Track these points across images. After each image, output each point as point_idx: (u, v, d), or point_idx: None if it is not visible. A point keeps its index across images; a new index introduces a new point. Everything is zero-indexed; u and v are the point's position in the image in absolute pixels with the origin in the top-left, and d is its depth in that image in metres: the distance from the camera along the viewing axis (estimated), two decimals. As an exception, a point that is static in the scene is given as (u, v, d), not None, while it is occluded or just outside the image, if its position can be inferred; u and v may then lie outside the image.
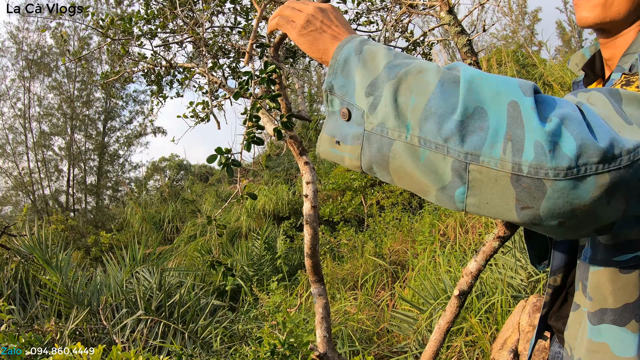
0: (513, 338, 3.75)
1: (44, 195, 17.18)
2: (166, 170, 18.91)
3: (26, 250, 5.89)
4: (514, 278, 4.73)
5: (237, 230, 9.04)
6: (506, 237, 1.39)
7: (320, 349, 1.31)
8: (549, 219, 0.76)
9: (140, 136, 18.95)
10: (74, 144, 17.57)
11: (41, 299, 5.46)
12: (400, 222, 7.29)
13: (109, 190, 18.86)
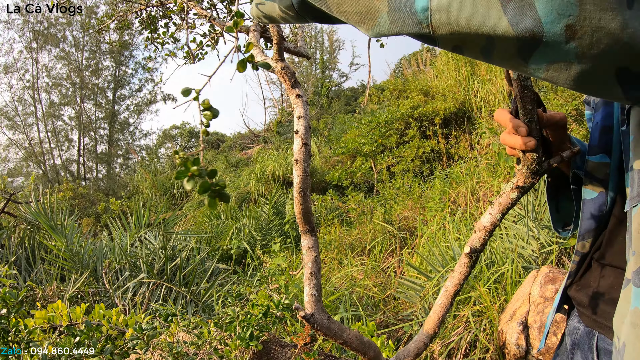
0: (523, 309, 3.58)
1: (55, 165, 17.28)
2: (177, 137, 18.87)
3: (32, 217, 5.90)
4: (525, 248, 4.57)
5: (246, 195, 8.96)
6: (526, 188, 1.19)
7: (307, 309, 1.13)
8: (553, 22, 0.57)
9: (150, 104, 18.94)
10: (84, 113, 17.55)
11: (46, 264, 5.45)
12: (410, 189, 7.12)
13: (119, 159, 18.93)
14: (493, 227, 1.21)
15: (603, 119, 1.22)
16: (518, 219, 5.04)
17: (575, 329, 1.36)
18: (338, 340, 1.21)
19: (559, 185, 1.42)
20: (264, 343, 2.10)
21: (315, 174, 9.04)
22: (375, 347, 1.30)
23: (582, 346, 1.33)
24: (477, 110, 8.89)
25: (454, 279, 1.31)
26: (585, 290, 1.31)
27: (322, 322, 1.17)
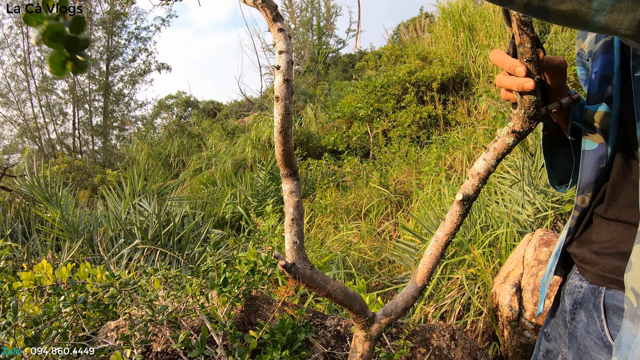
0: (516, 272, 3.55)
1: (50, 139, 17.22)
2: (173, 107, 18.71)
3: (27, 190, 5.88)
4: (521, 213, 4.55)
5: (242, 162, 8.92)
6: (522, 133, 1.12)
7: (288, 258, 1.09)
8: None
9: (145, 74, 18.81)
10: (78, 85, 17.39)
11: (42, 236, 5.45)
12: (407, 154, 7.07)
13: (115, 130, 18.85)
14: (487, 173, 1.15)
15: (602, 68, 1.17)
16: (514, 183, 5.01)
17: (577, 287, 1.33)
18: (321, 291, 1.17)
19: (555, 141, 1.38)
20: (252, 299, 2.08)
21: (311, 140, 8.99)
22: (361, 300, 1.27)
23: (586, 305, 1.29)
24: (475, 76, 8.78)
25: (445, 228, 1.26)
26: (588, 246, 1.28)
27: (304, 272, 1.13)
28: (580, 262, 1.31)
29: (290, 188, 1.23)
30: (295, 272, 1.11)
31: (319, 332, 1.99)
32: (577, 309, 1.33)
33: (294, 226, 1.18)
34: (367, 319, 1.30)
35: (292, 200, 1.21)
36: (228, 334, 1.40)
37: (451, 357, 2.02)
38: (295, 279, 1.10)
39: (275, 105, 1.18)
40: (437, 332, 2.06)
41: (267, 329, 1.73)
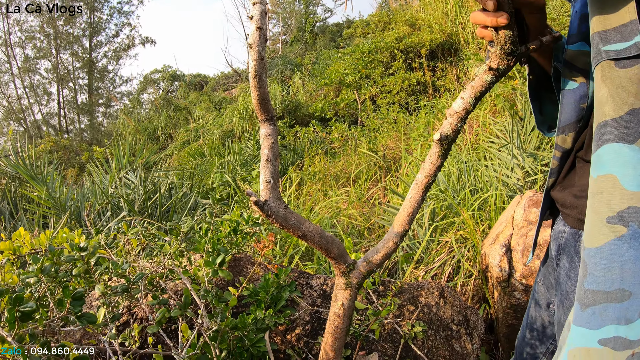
0: (506, 233, 3.53)
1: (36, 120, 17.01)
2: (159, 82, 18.46)
3: (12, 170, 5.79)
4: (510, 177, 4.52)
5: (230, 133, 8.83)
6: (501, 71, 1.07)
7: (261, 196, 1.03)
8: None
9: (129, 48, 18.52)
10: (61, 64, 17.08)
11: (28, 214, 5.39)
12: (395, 122, 7.01)
13: (101, 107, 18.63)
14: (465, 112, 1.11)
15: (582, 6, 1.14)
16: (503, 146, 4.98)
17: (560, 232, 1.33)
18: (296, 232, 1.12)
19: (543, 86, 1.36)
20: (236, 260, 2.04)
21: (299, 108, 8.90)
22: (339, 244, 1.22)
23: (568, 249, 1.29)
24: (464, 42, 8.68)
25: (424, 170, 1.22)
26: (569, 190, 1.27)
27: (278, 211, 1.08)
28: (562, 207, 1.30)
29: (267, 132, 1.18)
30: (268, 210, 1.06)
31: (304, 292, 1.96)
32: (561, 254, 1.34)
33: (268, 166, 1.13)
34: (347, 265, 1.27)
35: (267, 143, 1.16)
36: (209, 294, 1.35)
37: (440, 314, 2.00)
38: (269, 217, 1.05)
39: (250, 52, 1.15)
40: (425, 289, 2.03)
41: (251, 288, 1.68)
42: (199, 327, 1.37)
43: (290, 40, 17.88)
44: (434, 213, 4.13)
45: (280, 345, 1.80)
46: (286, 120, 8.47)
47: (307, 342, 1.81)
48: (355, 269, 1.30)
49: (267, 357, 1.72)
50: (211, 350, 1.38)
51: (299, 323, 1.84)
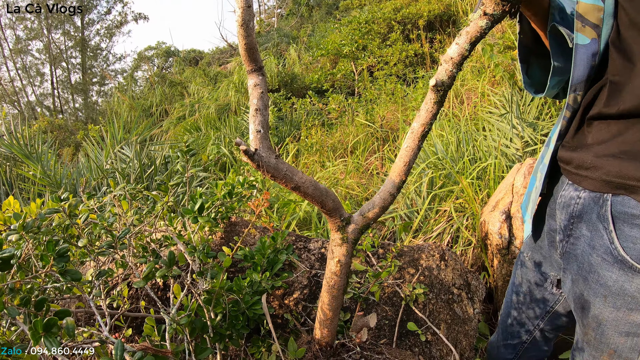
0: (506, 200, 3.48)
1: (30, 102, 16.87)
2: (154, 58, 18.25)
3: (6, 150, 5.74)
4: (509, 147, 4.46)
5: (226, 107, 8.73)
6: (495, 16, 1.04)
7: (251, 146, 0.97)
8: None
9: (121, 25, 18.32)
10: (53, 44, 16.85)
11: (24, 193, 5.34)
12: (393, 93, 6.92)
13: (95, 86, 18.46)
14: (461, 58, 1.06)
15: None
16: (502, 114, 4.92)
17: (573, 199, 1.24)
18: (288, 183, 1.07)
19: (532, 50, 1.32)
20: (232, 225, 1.99)
21: (295, 81, 8.79)
22: (334, 197, 1.16)
23: (588, 216, 1.20)
24: (462, 13, 8.54)
25: (420, 118, 1.16)
26: (585, 150, 1.19)
27: (269, 161, 1.02)
28: (577, 169, 1.21)
29: (255, 82, 1.12)
30: (259, 160, 1.00)
31: (302, 256, 1.92)
32: (576, 224, 1.25)
33: (257, 116, 1.08)
34: (342, 220, 1.22)
35: (256, 92, 1.10)
36: (197, 251, 1.30)
37: (441, 277, 1.96)
38: (259, 168, 1.00)
39: (237, 0, 1.08)
40: (426, 252, 1.99)
41: (247, 251, 1.64)
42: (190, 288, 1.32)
43: (286, 13, 17.61)
44: (432, 182, 4.09)
45: (277, 310, 1.77)
46: (282, 93, 8.36)
47: (305, 307, 1.78)
48: (351, 223, 1.25)
49: (264, 320, 1.68)
50: (205, 313, 1.34)
51: (297, 287, 1.80)
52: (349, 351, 1.46)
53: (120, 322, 1.62)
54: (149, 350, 0.96)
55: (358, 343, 1.48)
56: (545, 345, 1.70)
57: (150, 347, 0.96)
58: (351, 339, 1.49)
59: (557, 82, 1.28)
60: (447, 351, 1.82)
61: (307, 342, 1.48)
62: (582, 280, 1.23)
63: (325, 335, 1.42)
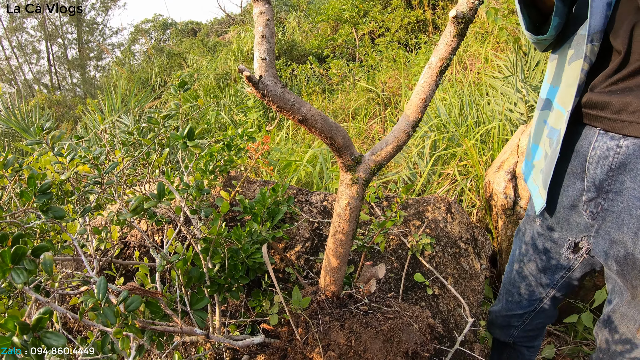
0: (511, 161, 3.40)
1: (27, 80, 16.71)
2: (151, 31, 17.99)
3: (4, 125, 5.70)
4: (513, 112, 4.36)
5: (225, 76, 8.60)
6: None
7: (256, 73, 0.89)
8: None
9: (117, -2, 18.00)
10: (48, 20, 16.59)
11: (23, 168, 5.33)
12: (395, 60, 6.79)
13: (92, 61, 18.24)
14: None
15: None
16: (507, 77, 4.82)
17: (612, 149, 1.14)
18: (295, 115, 0.99)
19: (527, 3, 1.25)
20: (231, 179, 1.92)
21: (295, 48, 8.63)
22: (344, 133, 1.08)
23: (633, 165, 1.10)
24: (466, -22, 8.34)
25: (438, 52, 1.08)
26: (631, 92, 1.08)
27: (275, 90, 0.94)
28: (618, 114, 1.11)
29: (261, 9, 1.03)
30: (264, 88, 0.92)
31: (303, 209, 1.85)
32: (616, 176, 1.15)
33: (263, 43, 0.99)
34: (353, 158, 1.14)
35: (262, 20, 1.01)
36: (190, 188, 1.24)
37: (448, 230, 1.90)
38: (264, 97, 0.92)
39: None
40: (432, 204, 1.92)
41: (246, 203, 1.57)
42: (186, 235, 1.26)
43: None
44: (435, 145, 4.01)
45: (279, 264, 1.71)
46: (282, 61, 8.23)
47: (307, 260, 1.72)
48: (362, 162, 1.17)
49: (266, 274, 1.63)
50: (202, 263, 1.28)
51: (298, 240, 1.74)
52: (357, 302, 1.40)
53: (112, 272, 1.56)
54: (137, 291, 0.90)
55: (366, 294, 1.43)
56: (553, 310, 1.64)
57: (138, 287, 0.90)
58: (358, 290, 1.44)
59: (557, 25, 1.21)
60: (455, 306, 1.77)
61: (311, 292, 1.43)
62: (629, 238, 1.14)
63: (331, 285, 1.36)
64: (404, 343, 1.26)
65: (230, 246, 1.34)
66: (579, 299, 2.96)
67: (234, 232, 1.38)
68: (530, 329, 1.70)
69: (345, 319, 1.32)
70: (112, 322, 0.79)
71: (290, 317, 1.35)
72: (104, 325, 0.79)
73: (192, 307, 1.19)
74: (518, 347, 1.80)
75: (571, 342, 2.78)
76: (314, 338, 1.28)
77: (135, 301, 0.85)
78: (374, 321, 1.30)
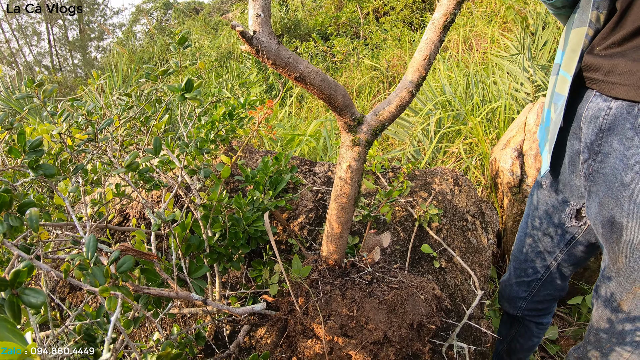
0: (518, 138, 3.33)
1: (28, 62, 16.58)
2: (152, 11, 17.80)
3: (4, 105, 5.68)
4: (519, 91, 4.28)
5: (227, 54, 8.51)
6: None
7: (250, 29, 0.83)
8: None
9: (118, -23, 17.77)
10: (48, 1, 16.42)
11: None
12: (399, 39, 6.70)
13: (93, 42, 18.07)
14: None
15: None
16: (514, 54, 4.74)
17: (602, 110, 1.13)
18: (292, 72, 0.93)
19: None
20: (233, 150, 1.87)
21: (299, 27, 8.53)
22: (344, 92, 1.03)
23: (620, 128, 1.09)
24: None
25: (442, 7, 1.02)
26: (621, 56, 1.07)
27: (270, 46, 0.88)
28: (607, 75, 1.10)
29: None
30: (258, 44, 0.87)
31: (307, 179, 1.80)
32: (605, 138, 1.14)
33: (257, 0, 0.93)
34: (353, 118, 1.08)
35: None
36: (188, 146, 1.18)
37: (455, 203, 1.84)
38: (258, 54, 0.86)
39: None
40: (439, 176, 1.87)
41: (248, 172, 1.52)
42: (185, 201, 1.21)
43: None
44: (440, 123, 3.95)
45: (281, 235, 1.66)
46: (286, 39, 8.14)
47: (311, 230, 1.67)
48: (363, 123, 1.11)
49: (267, 245, 1.58)
50: (201, 230, 1.23)
51: (301, 211, 1.69)
52: (360, 271, 1.35)
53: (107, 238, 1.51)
54: (130, 252, 0.84)
55: (370, 264, 1.38)
56: (561, 281, 1.63)
57: (131, 248, 0.85)
58: (362, 259, 1.39)
59: None
60: (462, 280, 1.72)
61: (312, 261, 1.38)
62: (612, 201, 1.13)
63: (333, 253, 1.31)
64: (409, 314, 1.22)
65: (230, 213, 1.29)
66: (584, 281, 2.92)
67: (235, 199, 1.33)
68: (538, 301, 1.68)
69: (347, 288, 1.27)
70: (101, 282, 0.74)
71: (290, 287, 1.30)
72: (92, 285, 0.74)
73: (190, 275, 1.15)
74: (527, 322, 1.79)
75: (575, 324, 2.76)
76: (314, 308, 1.24)
77: (127, 262, 0.80)
78: (378, 291, 1.26)
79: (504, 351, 1.99)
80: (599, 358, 1.30)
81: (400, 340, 1.19)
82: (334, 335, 1.19)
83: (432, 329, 1.25)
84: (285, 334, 1.33)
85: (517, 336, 1.86)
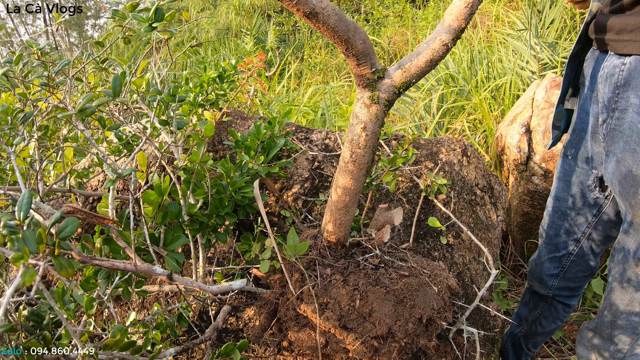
0: (525, 114, 3.17)
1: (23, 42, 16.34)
2: (150, -13, 17.50)
3: None
4: (524, 69, 4.14)
5: (225, 30, 8.34)
6: None
7: None
8: None
9: (113, -48, 17.43)
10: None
11: (24, 131, 5.16)
12: (401, 17, 6.52)
13: (90, 20, 17.81)
14: None
15: None
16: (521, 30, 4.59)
17: (617, 66, 1.11)
18: (302, 6, 0.75)
19: None
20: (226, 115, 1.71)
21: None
22: (364, 36, 0.84)
23: (635, 81, 1.07)
24: None
25: None
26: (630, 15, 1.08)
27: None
28: (619, 34, 1.11)
29: None
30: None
31: (303, 147, 1.65)
32: (622, 94, 1.13)
33: None
34: (373, 71, 0.90)
35: None
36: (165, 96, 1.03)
37: (463, 174, 1.70)
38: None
39: None
40: (446, 145, 1.72)
41: (238, 137, 1.37)
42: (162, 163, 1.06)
43: None
44: (443, 99, 3.81)
45: (274, 207, 1.51)
46: (285, 15, 7.96)
47: (306, 202, 1.52)
48: (385, 77, 0.92)
49: (259, 218, 1.43)
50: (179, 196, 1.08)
51: (296, 180, 1.54)
52: (365, 252, 1.20)
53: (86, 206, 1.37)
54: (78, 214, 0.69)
55: (378, 244, 1.22)
56: (592, 258, 1.57)
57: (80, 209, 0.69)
58: (369, 238, 1.23)
59: None
60: (471, 258, 1.58)
61: (311, 236, 1.22)
62: (630, 155, 1.11)
63: (337, 230, 1.15)
64: (419, 307, 1.07)
65: (216, 177, 1.14)
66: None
67: (222, 163, 1.18)
68: (569, 278, 1.64)
69: (350, 272, 1.12)
70: (32, 249, 0.58)
71: (283, 266, 1.15)
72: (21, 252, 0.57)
73: (166, 247, 1.00)
74: (555, 302, 1.74)
75: (579, 309, 2.69)
76: (310, 294, 1.09)
77: (70, 225, 0.64)
78: (385, 278, 1.11)
79: (522, 334, 1.95)
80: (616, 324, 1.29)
81: (406, 336, 1.05)
82: (332, 327, 1.05)
83: (442, 325, 1.11)
84: (277, 318, 1.19)
85: (541, 318, 1.82)
